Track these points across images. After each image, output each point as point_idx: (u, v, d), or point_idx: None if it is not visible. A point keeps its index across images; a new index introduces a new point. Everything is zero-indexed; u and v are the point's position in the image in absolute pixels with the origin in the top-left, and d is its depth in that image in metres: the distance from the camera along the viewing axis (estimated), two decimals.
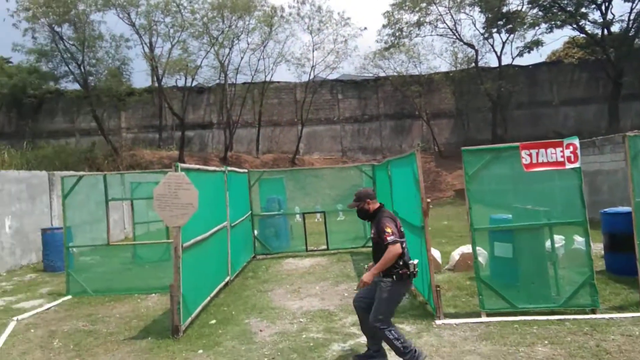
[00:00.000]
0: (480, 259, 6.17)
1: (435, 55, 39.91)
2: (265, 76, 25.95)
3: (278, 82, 27.44)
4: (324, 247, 11.10)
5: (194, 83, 25.79)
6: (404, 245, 4.21)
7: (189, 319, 6.07)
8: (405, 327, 5.58)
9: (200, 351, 5.23)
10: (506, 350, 4.77)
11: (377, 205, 4.48)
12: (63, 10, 21.19)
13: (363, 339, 5.30)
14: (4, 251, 11.08)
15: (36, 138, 26.37)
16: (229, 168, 8.92)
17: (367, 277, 4.23)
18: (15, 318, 6.86)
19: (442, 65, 47.53)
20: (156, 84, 25.09)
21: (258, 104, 25.80)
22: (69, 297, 8.15)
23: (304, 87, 26.30)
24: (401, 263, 4.17)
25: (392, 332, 4.24)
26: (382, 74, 26.62)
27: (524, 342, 4.92)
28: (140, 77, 47.75)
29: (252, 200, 11.07)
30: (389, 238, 4.10)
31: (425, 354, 4.40)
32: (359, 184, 20.31)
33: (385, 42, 25.23)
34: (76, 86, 25.20)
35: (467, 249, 8.18)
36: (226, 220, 8.36)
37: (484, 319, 5.65)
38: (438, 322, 5.64)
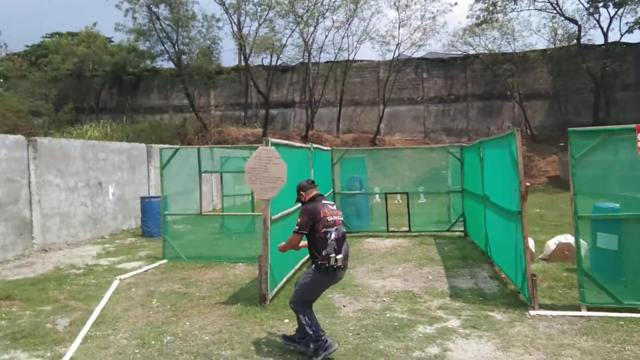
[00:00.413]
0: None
1: (531, 31, 36.97)
2: (349, 55, 25.78)
3: (361, 60, 27.13)
4: (405, 229, 10.92)
5: (279, 62, 26.27)
6: (328, 236, 4.20)
7: (275, 289, 6.26)
8: (496, 316, 5.35)
9: (287, 320, 5.37)
10: (610, 347, 4.40)
11: (312, 195, 4.50)
12: None
13: (450, 323, 5.17)
14: (107, 216, 12.11)
15: (134, 113, 28.41)
16: (314, 145, 8.97)
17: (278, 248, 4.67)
18: (118, 277, 7.48)
19: (539, 42, 44.22)
20: (243, 63, 25.87)
21: (340, 83, 25.73)
22: (165, 261, 8.73)
23: (388, 65, 25.77)
24: (323, 254, 4.18)
25: (307, 317, 4.31)
26: (471, 52, 25.31)
27: (630, 340, 4.52)
28: (228, 56, 49.69)
29: (334, 178, 11.11)
30: (295, 227, 4.32)
31: (336, 346, 4.36)
32: (441, 166, 19.73)
33: (477, 18, 23.88)
34: (170, 64, 26.70)
35: (563, 238, 7.65)
36: None
37: (584, 312, 5.26)
38: (532, 312, 5.34)
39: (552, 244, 7.81)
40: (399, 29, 25.01)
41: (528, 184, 5.59)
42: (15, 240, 9.34)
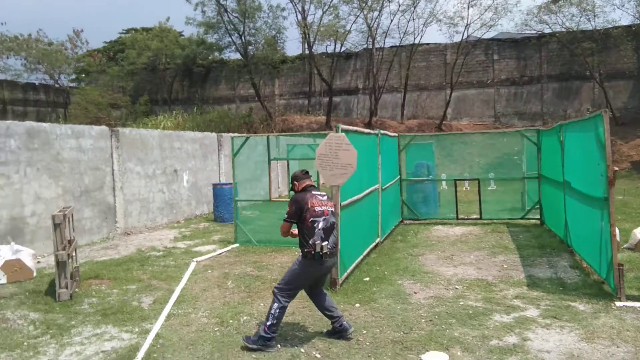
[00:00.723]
0: None
1: (614, 6, 34.31)
2: (414, 38, 25.17)
3: (427, 44, 26.41)
4: (476, 216, 10.59)
5: (342, 49, 26.16)
6: (315, 225, 4.25)
7: (345, 274, 6.30)
8: (579, 306, 5.07)
9: (357, 305, 5.41)
10: None
11: (304, 185, 4.53)
12: None
13: (529, 313, 4.98)
14: (182, 202, 12.73)
15: (204, 104, 29.52)
16: (382, 131, 8.88)
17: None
18: (194, 260, 7.85)
19: (623, 17, 40.86)
20: (307, 51, 26.02)
21: (405, 68, 25.23)
22: (237, 245, 9.06)
23: (456, 48, 24.87)
24: (310, 242, 4.23)
25: (278, 308, 4.29)
26: (547, 31, 23.82)
27: None
28: (292, 45, 50.15)
29: (400, 164, 10.96)
30: (285, 216, 4.43)
31: (277, 348, 4.29)
32: (513, 151, 18.83)
33: None
34: (237, 55, 27.41)
35: None
36: (377, 183, 8.41)
37: None
38: (619, 303, 5.02)
39: (638, 232, 7.27)
40: (468, 9, 24.01)
41: (616, 168, 5.20)
42: (101, 224, 10.06)
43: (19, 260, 6.81)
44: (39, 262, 7.94)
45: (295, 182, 4.62)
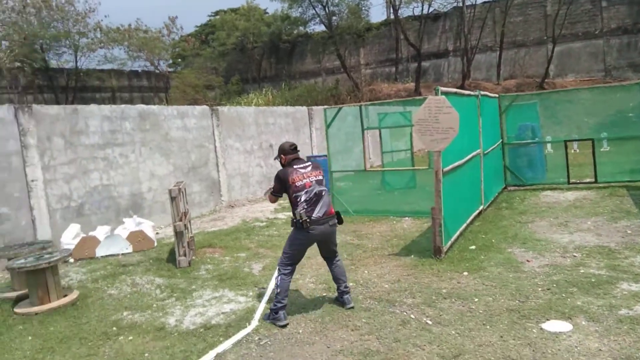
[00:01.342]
0: None
1: None
2: None
3: None
4: (590, 179, 9.73)
5: (430, 10, 25.01)
6: (298, 200, 4.37)
7: (449, 242, 6.14)
8: None
9: (465, 273, 5.25)
10: None
11: (290, 159, 4.56)
12: None
13: None
14: None
15: (291, 79, 29.97)
16: (482, 92, 8.40)
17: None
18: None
19: None
20: (392, 16, 25.21)
21: (499, 25, 23.53)
22: None
23: None
24: (295, 213, 4.38)
25: (280, 278, 4.43)
26: None
27: None
28: (376, 12, 48.81)
29: (502, 127, 10.33)
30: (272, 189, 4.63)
31: (286, 322, 4.29)
32: (627, 108, 16.94)
33: None
34: (321, 28, 27.31)
35: None
36: (479, 148, 8.01)
37: None
38: None
39: None
40: None
41: None
42: (208, 198, 10.72)
43: (141, 231, 7.48)
44: (157, 233, 8.67)
45: (282, 156, 4.64)
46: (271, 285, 5.35)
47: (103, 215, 8.29)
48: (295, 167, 4.49)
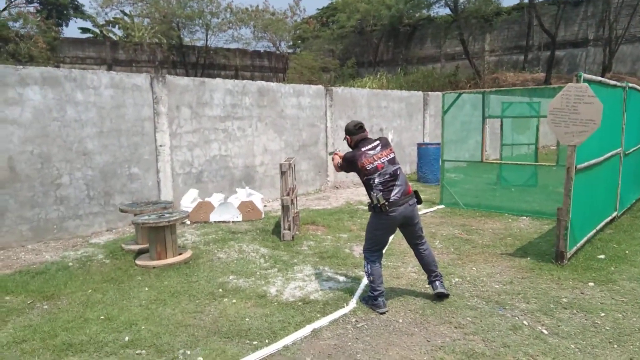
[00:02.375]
0: None
1: None
2: None
3: None
4: None
5: None
6: (372, 182, 4.13)
7: (574, 248, 5.50)
8: None
9: (591, 284, 4.66)
10: None
11: (357, 139, 4.30)
12: None
13: None
14: None
15: (408, 64, 29.20)
16: (630, 84, 7.35)
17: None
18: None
19: None
20: (526, 0, 23.23)
21: None
22: (442, 206, 8.78)
23: None
24: (371, 196, 4.16)
25: (369, 265, 4.26)
26: None
27: None
28: None
29: None
30: (339, 162, 4.48)
31: (386, 310, 4.14)
32: None
33: None
34: (446, 11, 26.09)
35: None
36: (620, 147, 7.05)
37: None
38: None
39: None
40: None
41: None
42: (315, 177, 10.87)
43: (251, 202, 7.79)
44: (265, 205, 8.99)
45: (348, 137, 4.36)
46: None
47: (218, 183, 8.79)
48: (363, 149, 4.20)
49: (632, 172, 8.20)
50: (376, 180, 4.13)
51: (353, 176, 11.72)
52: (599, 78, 5.89)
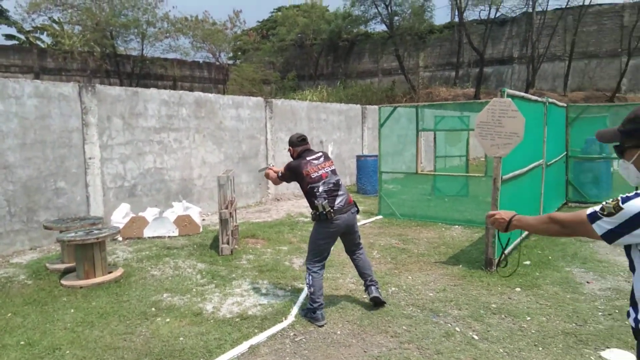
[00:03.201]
0: None
1: None
2: None
3: (600, 4, 22.99)
4: None
5: (497, 14, 24.11)
6: (316, 191, 4.24)
7: (502, 255, 5.78)
8: None
9: (518, 289, 4.91)
10: None
11: (300, 151, 4.46)
12: None
13: None
14: None
15: (347, 78, 29.80)
16: (550, 100, 7.90)
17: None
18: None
19: None
20: (457, 19, 24.52)
21: (571, 33, 22.37)
22: (380, 217, 8.96)
23: (637, 8, 21.25)
24: (315, 204, 4.22)
25: (310, 277, 4.25)
26: None
27: None
28: (440, 13, 47.82)
29: (567, 139, 9.72)
30: (279, 173, 4.57)
31: (324, 323, 4.13)
32: None
33: None
34: (382, 27, 26.98)
35: None
36: (542, 159, 7.54)
37: None
38: None
39: None
40: None
41: None
42: (255, 189, 10.76)
43: (188, 216, 7.58)
44: (203, 219, 8.77)
45: (291, 149, 4.53)
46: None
47: (154, 197, 8.48)
48: (307, 158, 4.37)
49: (554, 182, 8.79)
50: (320, 189, 4.24)
51: (294, 188, 11.75)
52: (522, 93, 6.29)
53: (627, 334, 3.81)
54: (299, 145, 4.47)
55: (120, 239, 7.21)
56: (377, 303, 4.45)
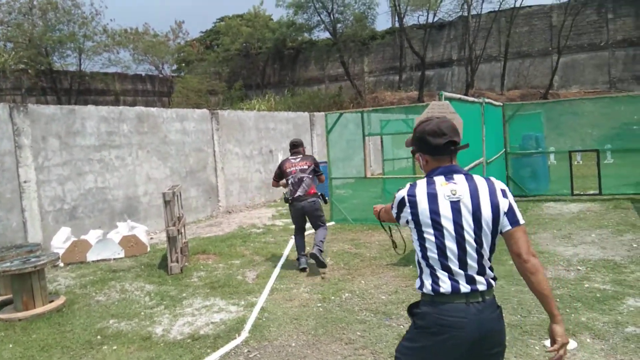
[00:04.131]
0: None
1: None
2: (515, 1, 23.26)
3: (530, 6, 24.27)
4: (594, 191, 9.54)
5: (435, 19, 24.96)
6: (288, 181, 6.02)
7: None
8: None
9: None
10: None
11: (291, 152, 6.26)
12: None
13: None
14: None
15: (294, 86, 29.90)
16: (486, 100, 8.24)
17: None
18: (293, 236, 7.92)
19: None
20: (397, 24, 25.19)
21: (504, 35, 23.46)
22: (333, 222, 9.01)
23: (563, 8, 22.58)
24: (285, 191, 6.17)
25: (293, 238, 6.34)
26: None
27: None
28: (382, 19, 48.89)
29: (505, 136, 10.16)
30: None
31: (303, 267, 5.97)
32: (632, 121, 16.75)
33: None
34: (326, 35, 27.29)
35: None
36: (482, 157, 7.84)
37: None
38: None
39: None
40: None
41: None
42: (205, 203, 10.56)
43: (134, 235, 7.32)
44: (151, 238, 8.51)
45: (290, 150, 6.29)
46: (265, 292, 5.19)
47: (96, 218, 8.14)
48: (289, 157, 6.15)
49: (496, 178, 9.14)
50: (290, 181, 6.00)
51: (246, 199, 11.64)
52: (459, 95, 6.53)
53: (568, 322, 4.01)
54: (290, 150, 6.28)
55: (61, 264, 6.86)
56: (313, 257, 5.74)
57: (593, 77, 23.13)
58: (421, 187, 2.04)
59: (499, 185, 2.06)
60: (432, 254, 1.98)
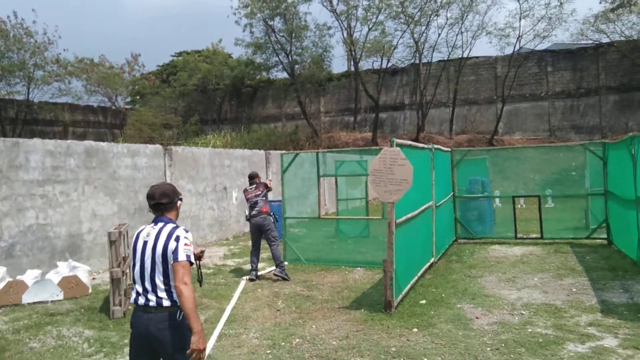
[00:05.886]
0: None
1: None
2: (463, 52, 24.66)
3: (476, 57, 25.79)
4: (536, 235, 9.99)
5: (389, 64, 26.02)
6: (248, 205, 7.88)
7: (400, 296, 6.01)
8: None
9: (415, 330, 5.11)
10: None
11: (250, 182, 8.07)
12: (275, 4, 23.38)
13: (606, 342, 4.57)
14: (231, 219, 12.81)
15: (251, 123, 30.02)
16: (435, 146, 8.58)
17: None
18: (244, 278, 7.78)
19: None
20: (353, 68, 26.04)
21: (453, 82, 24.73)
22: (286, 263, 8.88)
23: (507, 60, 24.16)
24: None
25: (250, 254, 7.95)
26: (605, 40, 22.78)
27: None
28: (338, 62, 50.48)
29: (453, 180, 10.56)
30: None
31: (251, 278, 7.65)
32: (570, 167, 17.81)
33: (612, 2, 21.42)
34: (284, 75, 27.78)
35: None
36: (431, 200, 8.09)
37: None
38: None
39: None
40: (520, 20, 23.32)
41: None
42: None
43: (75, 276, 6.95)
44: (94, 278, 8.11)
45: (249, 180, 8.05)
46: (212, 339, 5.02)
47: (35, 257, 7.70)
48: (247, 188, 7.99)
49: (444, 221, 9.43)
50: (249, 204, 7.75)
51: (196, 237, 11.34)
52: (409, 142, 6.77)
53: None
54: (249, 181, 8.06)
55: None
56: (276, 276, 7.60)
57: (534, 125, 24.63)
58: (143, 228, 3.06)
59: (177, 232, 2.90)
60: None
